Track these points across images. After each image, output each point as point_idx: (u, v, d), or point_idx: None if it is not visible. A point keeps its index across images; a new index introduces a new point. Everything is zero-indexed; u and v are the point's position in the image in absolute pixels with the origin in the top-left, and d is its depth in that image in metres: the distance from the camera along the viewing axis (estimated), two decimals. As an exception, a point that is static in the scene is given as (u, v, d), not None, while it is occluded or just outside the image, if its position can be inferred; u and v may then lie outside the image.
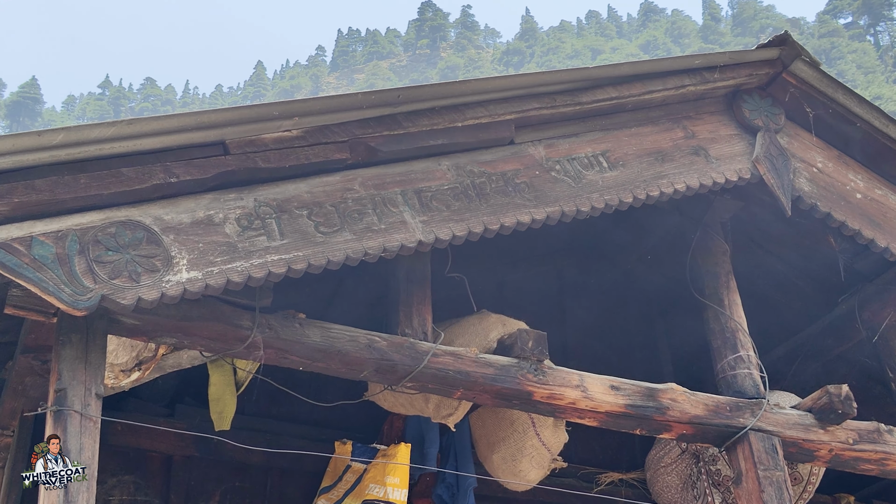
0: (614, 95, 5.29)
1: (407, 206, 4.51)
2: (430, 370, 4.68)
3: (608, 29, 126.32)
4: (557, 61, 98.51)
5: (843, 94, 5.80)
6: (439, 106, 4.77)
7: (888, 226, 5.78)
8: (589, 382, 5.06)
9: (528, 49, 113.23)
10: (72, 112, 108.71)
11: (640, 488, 6.70)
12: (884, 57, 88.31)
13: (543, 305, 6.98)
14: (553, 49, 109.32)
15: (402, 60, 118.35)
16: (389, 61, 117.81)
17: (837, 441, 5.55)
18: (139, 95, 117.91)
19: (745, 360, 5.63)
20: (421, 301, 4.97)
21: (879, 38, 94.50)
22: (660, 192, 5.23)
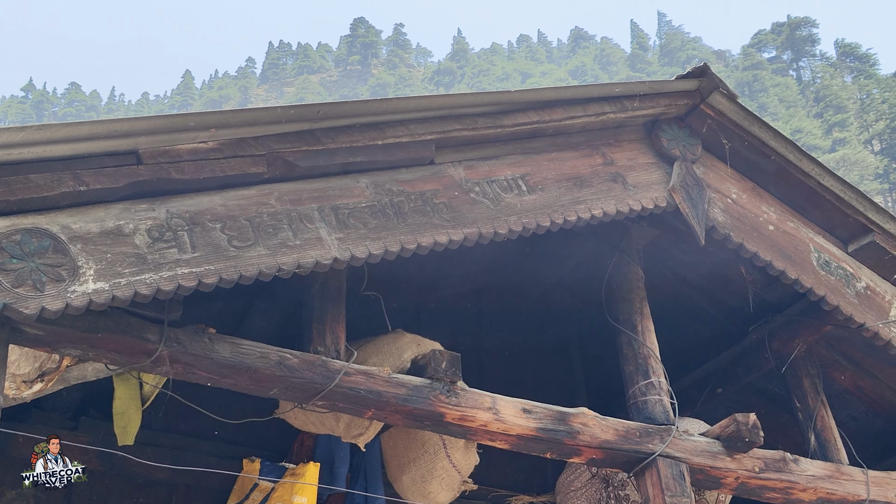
0: (535, 120, 5.31)
1: (323, 222, 4.46)
2: (341, 389, 4.63)
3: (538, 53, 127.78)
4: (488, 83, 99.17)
5: (758, 128, 5.91)
6: (359, 123, 4.73)
7: (798, 258, 5.89)
8: (501, 405, 5.06)
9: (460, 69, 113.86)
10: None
11: (549, 512, 6.72)
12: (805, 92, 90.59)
13: (460, 327, 6.98)
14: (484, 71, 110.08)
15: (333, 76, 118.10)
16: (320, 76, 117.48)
17: (744, 469, 5.62)
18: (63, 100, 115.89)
19: (656, 386, 5.68)
20: (335, 319, 4.92)
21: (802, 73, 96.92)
22: (577, 217, 5.25)
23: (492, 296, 7.20)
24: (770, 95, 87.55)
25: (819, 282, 5.88)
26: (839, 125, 77.04)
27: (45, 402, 5.45)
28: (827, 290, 5.87)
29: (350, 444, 5.61)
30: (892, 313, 6.06)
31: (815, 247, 6.03)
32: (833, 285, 5.93)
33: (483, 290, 7.20)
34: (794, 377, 6.44)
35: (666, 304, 6.65)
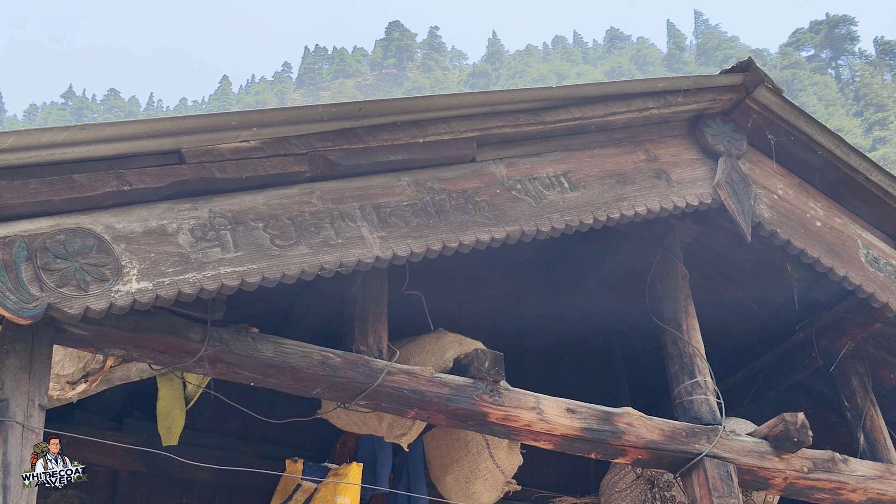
0: (578, 116, 5.26)
1: (365, 221, 4.44)
2: (384, 388, 4.60)
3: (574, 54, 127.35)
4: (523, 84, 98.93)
5: (805, 122, 5.82)
6: (401, 121, 4.71)
7: (847, 255, 5.79)
8: (545, 405, 5.01)
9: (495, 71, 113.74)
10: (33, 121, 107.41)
11: (594, 513, 6.65)
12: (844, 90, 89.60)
13: (502, 326, 6.92)
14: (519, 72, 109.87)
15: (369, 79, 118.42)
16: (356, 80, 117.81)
17: (792, 469, 5.53)
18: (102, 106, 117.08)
19: (702, 385, 5.60)
20: (377, 318, 4.90)
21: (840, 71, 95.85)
22: (620, 214, 5.20)
23: (533, 295, 7.14)
24: (809, 94, 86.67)
25: (868, 278, 5.78)
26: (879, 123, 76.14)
27: (89, 403, 5.47)
28: (876, 287, 5.77)
29: (393, 444, 5.59)
30: (943, 310, 5.93)
31: (864, 243, 5.92)
32: (882, 282, 5.82)
33: (524, 289, 7.15)
34: (842, 376, 6.32)
35: (711, 302, 6.56)
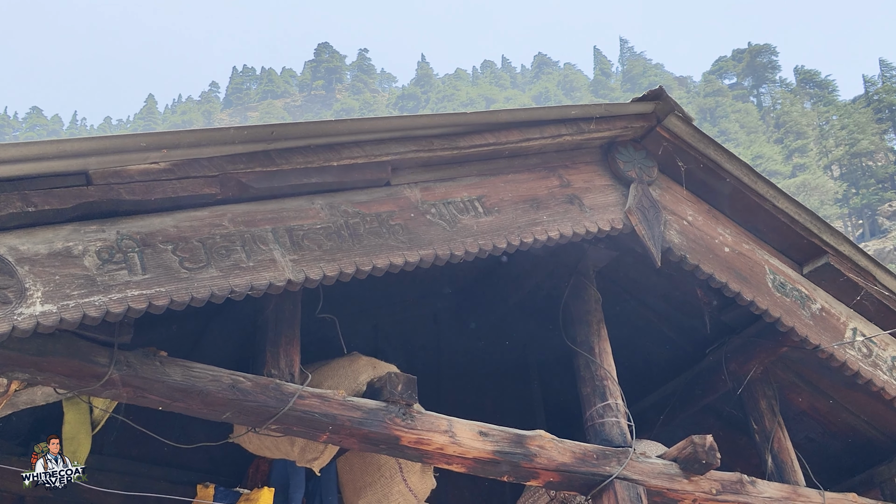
0: (492, 141, 5.30)
1: (277, 244, 4.42)
2: (295, 412, 4.58)
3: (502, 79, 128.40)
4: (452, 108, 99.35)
5: (714, 150, 5.95)
6: (314, 144, 4.70)
7: (754, 280, 5.92)
8: (457, 428, 5.03)
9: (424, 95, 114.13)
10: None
11: (508, 536, 6.67)
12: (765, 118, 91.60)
13: (419, 349, 6.95)
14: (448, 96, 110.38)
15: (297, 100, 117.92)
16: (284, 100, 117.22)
17: (701, 491, 5.62)
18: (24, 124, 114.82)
19: (613, 408, 5.67)
20: (289, 342, 4.88)
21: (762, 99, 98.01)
22: (534, 238, 5.25)
23: (450, 318, 7.18)
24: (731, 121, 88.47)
25: (774, 303, 5.91)
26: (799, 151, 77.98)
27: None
28: (782, 312, 5.91)
29: (305, 468, 5.55)
30: (848, 335, 6.10)
31: (771, 268, 6.07)
32: (788, 307, 5.96)
33: (441, 312, 7.18)
34: (750, 399, 6.46)
35: (624, 326, 6.66)
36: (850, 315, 6.21)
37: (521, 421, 5.54)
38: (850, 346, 6.05)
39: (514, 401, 7.41)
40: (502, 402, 7.24)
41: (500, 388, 7.44)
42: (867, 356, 6.10)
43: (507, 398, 7.40)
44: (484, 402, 6.98)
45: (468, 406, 5.76)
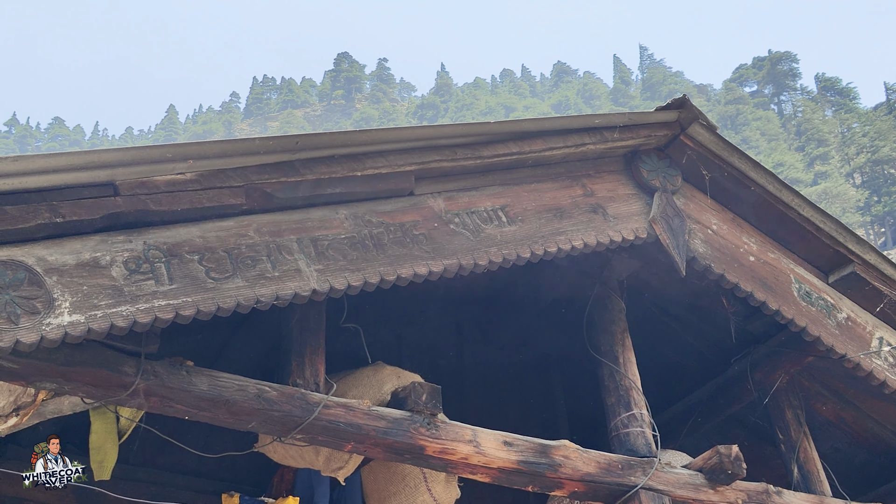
0: (515, 151, 5.31)
1: (302, 254, 4.44)
2: (320, 422, 4.58)
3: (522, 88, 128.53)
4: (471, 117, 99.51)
5: (738, 158, 5.92)
6: (338, 154, 4.72)
7: (780, 288, 5.89)
8: (482, 438, 5.02)
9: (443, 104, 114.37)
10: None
11: (532, 546, 6.65)
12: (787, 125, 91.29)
13: (442, 359, 6.95)
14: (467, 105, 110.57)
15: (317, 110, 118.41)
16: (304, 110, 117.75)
17: (727, 501, 5.58)
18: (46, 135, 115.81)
19: (638, 418, 5.65)
20: (314, 351, 4.89)
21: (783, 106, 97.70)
22: (557, 248, 5.25)
23: (473, 328, 7.18)
24: (752, 129, 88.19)
25: (800, 313, 5.88)
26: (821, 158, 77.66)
27: (21, 437, 5.37)
28: (808, 321, 5.88)
29: (330, 477, 5.55)
30: (874, 344, 6.06)
31: (796, 277, 6.03)
32: (814, 316, 5.93)
33: (465, 322, 7.18)
34: (776, 409, 6.42)
35: (648, 336, 6.64)
36: (877, 324, 6.17)
37: (545, 431, 5.53)
38: (876, 356, 6.01)
39: (538, 411, 7.40)
40: (526, 412, 7.22)
41: (524, 398, 7.44)
42: (893, 366, 6.05)
43: (531, 408, 7.39)
44: (508, 412, 6.97)
45: (492, 416, 5.74)
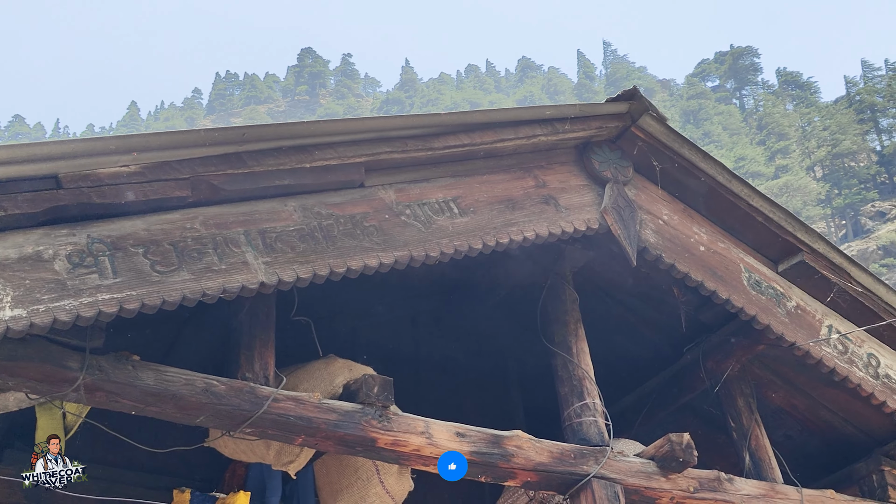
0: (466, 142, 5.31)
1: (250, 246, 4.41)
2: (270, 415, 4.56)
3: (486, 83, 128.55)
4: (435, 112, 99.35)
5: (688, 149, 5.96)
6: (287, 146, 4.70)
7: (730, 278, 5.94)
8: (434, 429, 5.02)
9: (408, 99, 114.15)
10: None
11: (488, 537, 6.66)
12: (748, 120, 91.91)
13: (397, 352, 6.93)
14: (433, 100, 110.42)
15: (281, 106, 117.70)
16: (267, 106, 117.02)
17: (679, 489, 5.63)
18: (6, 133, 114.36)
19: (590, 407, 5.68)
20: (264, 345, 4.87)
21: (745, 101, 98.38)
22: (510, 239, 5.26)
23: (429, 320, 7.17)
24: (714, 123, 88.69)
25: (750, 301, 5.93)
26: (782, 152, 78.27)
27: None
28: (758, 310, 5.93)
29: (282, 472, 5.52)
30: (823, 332, 6.12)
31: (746, 267, 6.08)
32: (764, 305, 5.98)
33: (420, 315, 7.17)
34: (728, 397, 6.48)
35: (603, 327, 6.67)
36: (826, 312, 6.24)
37: (501, 422, 5.52)
38: (825, 344, 6.07)
39: (494, 403, 7.41)
40: (482, 404, 7.23)
41: (480, 390, 7.44)
42: (843, 353, 6.12)
43: (487, 400, 7.40)
44: (463, 404, 6.96)
45: (447, 409, 5.72)
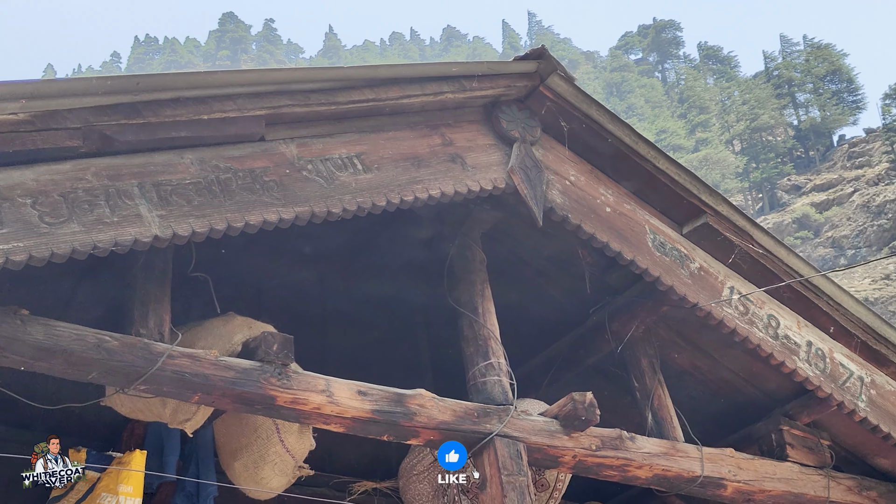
0: (371, 98, 5.23)
1: (144, 199, 4.30)
2: (164, 373, 4.47)
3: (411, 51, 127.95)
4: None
5: (596, 110, 5.96)
6: (184, 97, 4.56)
7: (635, 239, 5.98)
8: (335, 387, 4.98)
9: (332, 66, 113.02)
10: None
11: (393, 497, 6.65)
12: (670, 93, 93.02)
13: (304, 312, 6.87)
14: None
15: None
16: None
17: (581, 447, 5.67)
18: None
19: (495, 367, 5.68)
20: (159, 300, 4.76)
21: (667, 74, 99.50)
22: (415, 197, 5.20)
23: (337, 280, 7.09)
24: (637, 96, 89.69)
25: (654, 263, 5.98)
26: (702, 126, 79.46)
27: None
28: (662, 271, 5.98)
29: (182, 431, 5.43)
30: (725, 293, 6.20)
31: (651, 228, 6.13)
32: (668, 266, 6.04)
33: (328, 275, 7.09)
34: (632, 358, 6.55)
35: (513, 289, 6.68)
36: (728, 274, 6.31)
37: (410, 383, 5.47)
38: (727, 305, 6.15)
39: (403, 364, 7.37)
40: (390, 365, 7.17)
41: (389, 351, 7.40)
42: (744, 314, 6.21)
43: (396, 361, 7.35)
44: (371, 365, 6.91)
45: (355, 369, 5.66)
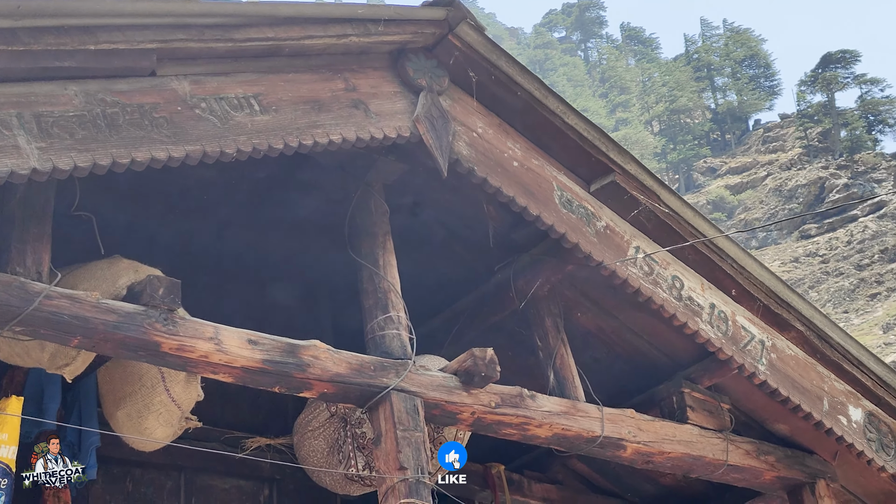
0: (271, 36, 5.02)
1: (23, 129, 4.07)
2: (41, 313, 4.24)
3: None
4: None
5: (505, 62, 5.84)
6: (69, 25, 4.31)
7: (541, 195, 5.88)
8: (224, 335, 4.80)
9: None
10: None
11: (287, 453, 6.48)
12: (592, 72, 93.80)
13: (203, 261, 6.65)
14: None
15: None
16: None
17: (480, 404, 5.58)
18: None
19: (395, 320, 5.56)
20: (38, 238, 4.52)
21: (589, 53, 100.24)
22: (314, 141, 5.03)
23: (237, 230, 6.85)
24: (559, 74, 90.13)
25: (560, 219, 5.89)
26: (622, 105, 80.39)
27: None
28: (567, 228, 5.90)
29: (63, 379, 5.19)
30: (630, 252, 6.15)
31: (559, 185, 6.04)
32: (574, 223, 5.96)
33: (229, 225, 6.84)
34: (536, 316, 6.47)
35: (418, 246, 6.55)
36: (634, 234, 6.26)
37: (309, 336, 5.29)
38: (632, 264, 6.10)
39: (303, 318, 7.17)
40: (288, 316, 6.98)
41: (288, 307, 7.20)
42: (648, 274, 6.17)
43: (295, 315, 7.15)
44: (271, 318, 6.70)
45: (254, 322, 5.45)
